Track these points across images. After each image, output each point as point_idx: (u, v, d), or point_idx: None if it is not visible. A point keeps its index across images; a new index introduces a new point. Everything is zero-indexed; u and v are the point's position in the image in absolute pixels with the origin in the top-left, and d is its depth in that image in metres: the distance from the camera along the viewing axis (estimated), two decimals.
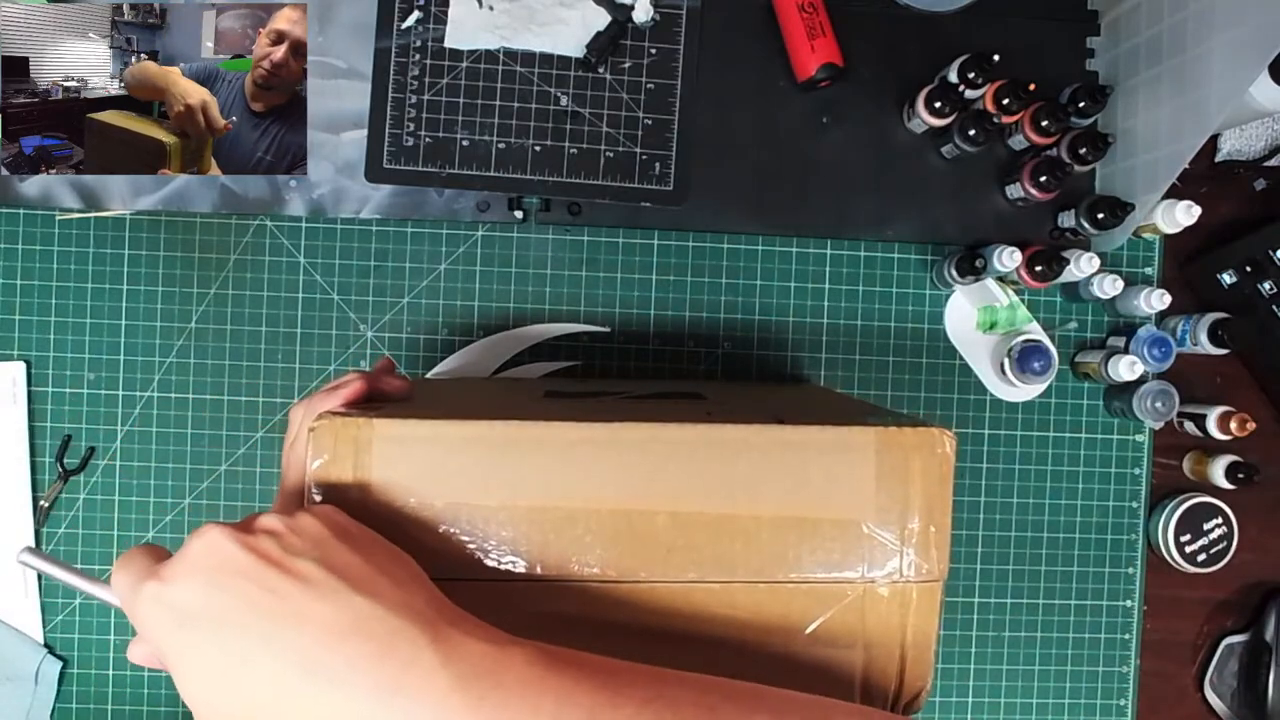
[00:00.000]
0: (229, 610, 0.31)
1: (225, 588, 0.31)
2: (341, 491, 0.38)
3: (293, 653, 0.30)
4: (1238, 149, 0.71)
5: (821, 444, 0.41)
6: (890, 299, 0.70)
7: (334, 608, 0.31)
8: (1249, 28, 0.52)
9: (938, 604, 0.42)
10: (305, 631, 0.30)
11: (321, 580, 0.32)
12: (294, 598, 0.31)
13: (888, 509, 0.41)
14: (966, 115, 0.63)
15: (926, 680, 0.42)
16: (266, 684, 0.30)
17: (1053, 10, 0.68)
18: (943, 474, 0.41)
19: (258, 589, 0.31)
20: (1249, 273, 0.67)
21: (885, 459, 0.41)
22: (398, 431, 0.39)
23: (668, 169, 0.66)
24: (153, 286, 0.66)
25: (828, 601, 0.41)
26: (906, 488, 0.41)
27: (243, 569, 0.32)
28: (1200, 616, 0.72)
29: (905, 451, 0.41)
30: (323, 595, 0.31)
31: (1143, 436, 0.71)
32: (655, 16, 0.65)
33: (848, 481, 0.41)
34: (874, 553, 0.41)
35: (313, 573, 0.32)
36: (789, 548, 0.41)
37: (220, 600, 0.31)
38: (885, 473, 0.41)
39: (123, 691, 0.66)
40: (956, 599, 0.70)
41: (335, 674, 0.30)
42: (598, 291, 0.68)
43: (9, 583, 0.65)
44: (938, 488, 0.41)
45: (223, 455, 0.66)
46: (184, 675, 0.31)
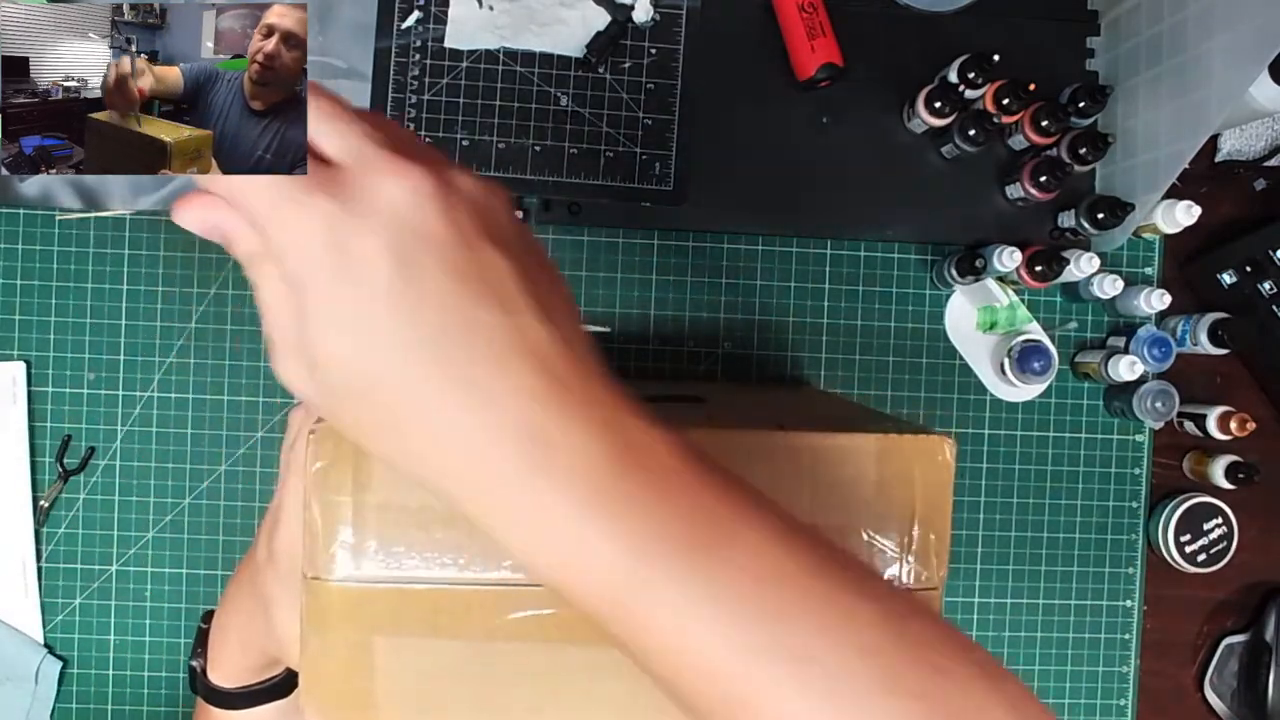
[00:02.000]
0: (409, 285, 0.26)
1: (416, 263, 0.26)
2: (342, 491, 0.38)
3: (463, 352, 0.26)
4: (1238, 149, 0.71)
5: (822, 451, 0.41)
6: (890, 299, 0.70)
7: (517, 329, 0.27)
8: (1249, 28, 0.52)
9: (937, 613, 0.42)
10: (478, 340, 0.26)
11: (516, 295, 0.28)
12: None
13: (887, 516, 0.41)
14: (966, 115, 0.63)
15: None
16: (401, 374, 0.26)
17: (1053, 10, 0.68)
18: (943, 481, 0.41)
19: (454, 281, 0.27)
20: (1249, 273, 0.67)
21: (886, 466, 0.41)
22: None
23: (668, 169, 0.66)
24: (153, 286, 0.66)
25: None
26: (907, 495, 0.41)
27: (439, 242, 0.27)
28: (1200, 616, 0.72)
29: (906, 459, 0.41)
30: (510, 312, 0.27)
31: (1143, 436, 0.71)
32: (655, 16, 0.65)
33: (848, 488, 0.41)
34: (873, 560, 0.41)
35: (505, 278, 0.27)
36: None
37: (405, 274, 0.26)
38: (886, 480, 0.41)
39: (123, 691, 0.66)
40: (956, 599, 0.70)
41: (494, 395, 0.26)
42: (598, 291, 0.68)
43: (9, 583, 0.65)
44: (938, 495, 0.41)
45: (223, 455, 0.66)
46: (319, 318, 0.27)
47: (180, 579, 0.66)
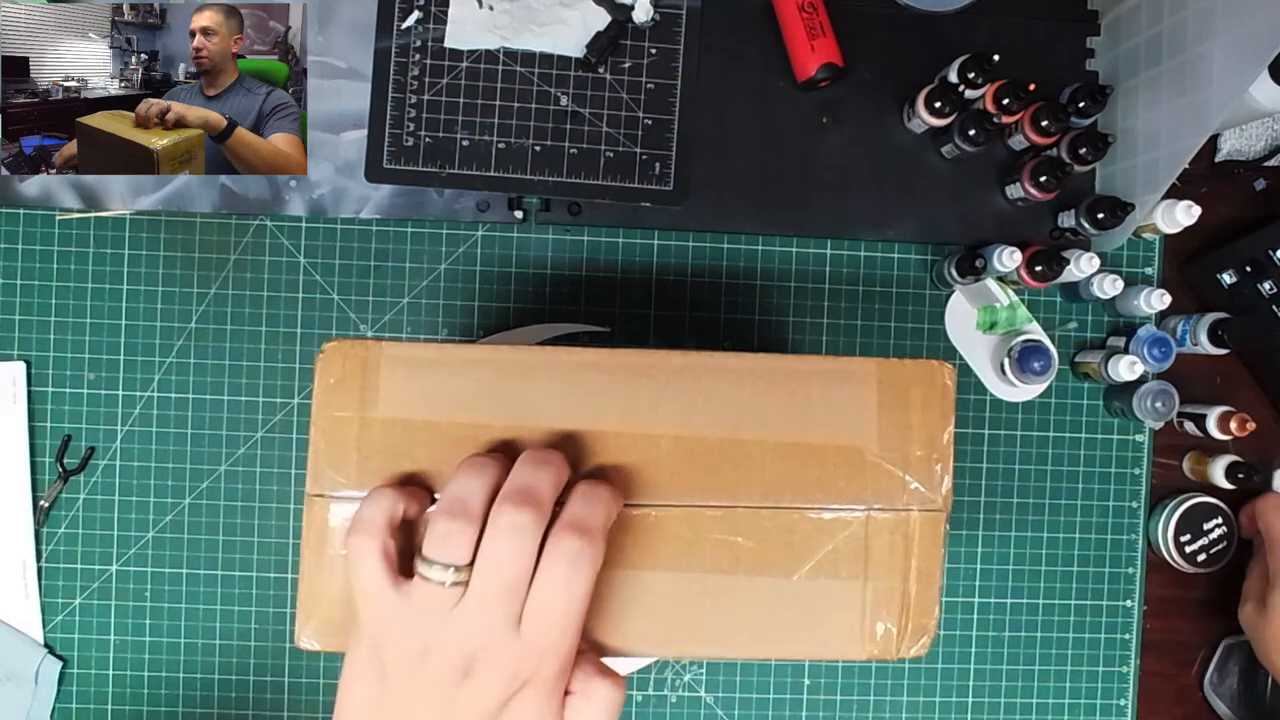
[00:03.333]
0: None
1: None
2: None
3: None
4: (1238, 149, 0.71)
5: (824, 372, 0.42)
6: (890, 299, 0.70)
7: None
8: (1249, 28, 0.52)
9: (942, 536, 0.42)
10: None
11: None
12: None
13: (890, 436, 0.42)
14: (966, 115, 0.63)
15: (932, 617, 0.42)
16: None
17: (1053, 10, 0.68)
18: (944, 405, 0.42)
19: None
20: (1249, 273, 0.67)
21: (886, 388, 0.42)
22: (406, 353, 0.40)
23: (668, 169, 0.66)
24: (153, 286, 0.66)
25: (831, 530, 0.41)
26: (908, 416, 0.42)
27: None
28: (1200, 616, 0.72)
29: (906, 381, 0.42)
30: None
31: (1143, 436, 0.71)
32: (655, 16, 0.65)
33: (851, 409, 0.42)
34: (878, 481, 0.41)
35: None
36: (793, 474, 0.41)
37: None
38: (887, 401, 0.42)
39: (123, 691, 0.66)
40: (957, 599, 0.70)
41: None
42: (598, 291, 0.68)
43: (9, 583, 0.65)
44: (939, 418, 0.42)
45: (223, 455, 0.66)
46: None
47: (180, 579, 0.66)
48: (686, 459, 0.40)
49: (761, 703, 0.69)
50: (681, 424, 0.40)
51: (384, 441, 0.39)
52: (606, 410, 0.40)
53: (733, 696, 0.68)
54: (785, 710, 0.69)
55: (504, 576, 0.35)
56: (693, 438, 0.40)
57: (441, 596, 0.35)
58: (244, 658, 0.67)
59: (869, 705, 0.69)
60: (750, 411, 0.41)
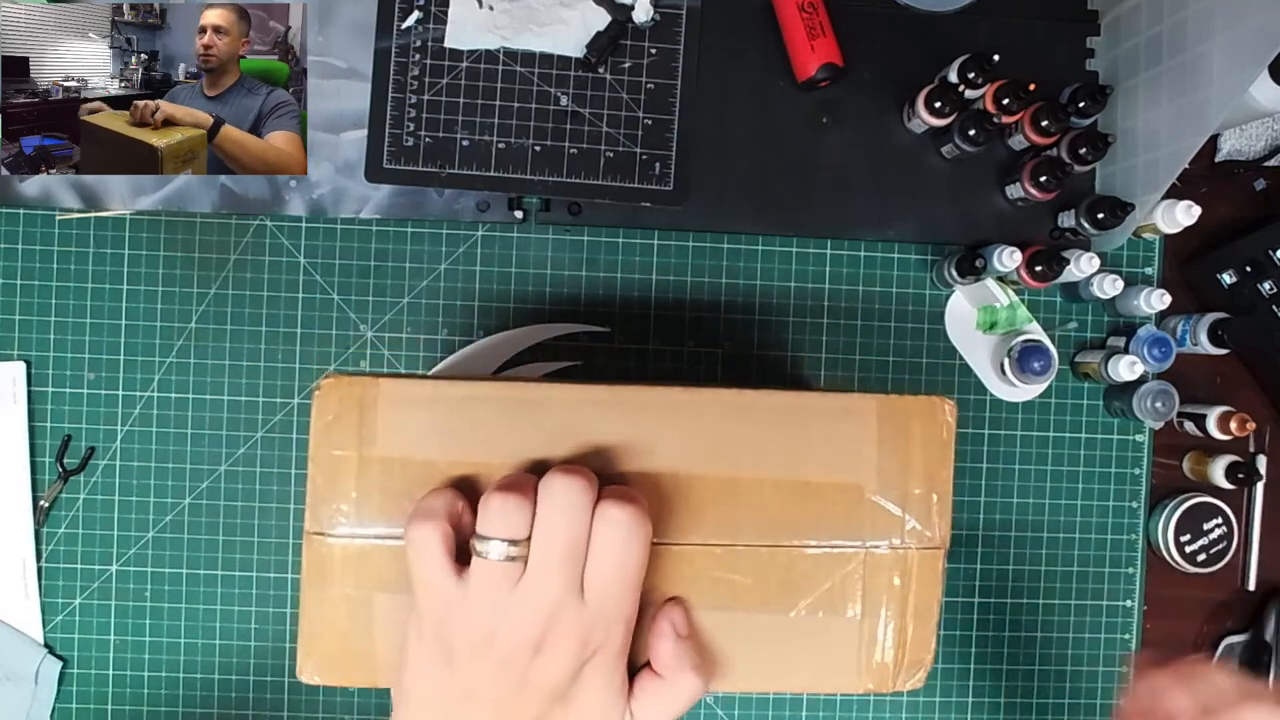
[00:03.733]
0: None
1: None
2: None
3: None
4: (1238, 149, 0.71)
5: (824, 409, 0.41)
6: (890, 299, 0.70)
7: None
8: (1249, 28, 0.52)
9: (940, 573, 0.42)
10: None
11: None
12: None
13: (889, 474, 0.41)
14: (966, 115, 0.63)
15: (928, 651, 0.42)
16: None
17: (1053, 10, 0.68)
18: (944, 441, 0.42)
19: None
20: (1249, 273, 0.67)
21: (886, 425, 0.41)
22: (403, 391, 0.40)
23: (668, 169, 0.66)
24: (153, 286, 0.66)
25: (829, 567, 0.41)
26: (908, 454, 0.42)
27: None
28: (1200, 616, 0.72)
29: (906, 418, 0.42)
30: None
31: (1143, 436, 0.71)
32: (655, 16, 0.65)
33: (850, 446, 0.41)
34: (876, 519, 0.41)
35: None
36: (791, 511, 0.41)
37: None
38: (887, 438, 0.41)
39: (123, 691, 0.66)
40: (957, 599, 0.70)
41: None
42: (598, 291, 0.68)
43: (9, 583, 0.65)
44: (939, 455, 0.42)
45: (223, 455, 0.66)
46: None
47: (180, 579, 0.66)
48: (685, 496, 0.40)
49: (761, 702, 0.69)
50: (680, 461, 0.40)
51: (383, 480, 0.39)
52: (605, 448, 0.40)
53: (733, 696, 0.68)
54: (785, 710, 0.69)
55: (562, 542, 0.35)
56: (691, 475, 0.40)
57: (502, 576, 0.35)
58: (244, 658, 0.67)
59: (869, 705, 0.69)
60: (749, 448, 0.40)
